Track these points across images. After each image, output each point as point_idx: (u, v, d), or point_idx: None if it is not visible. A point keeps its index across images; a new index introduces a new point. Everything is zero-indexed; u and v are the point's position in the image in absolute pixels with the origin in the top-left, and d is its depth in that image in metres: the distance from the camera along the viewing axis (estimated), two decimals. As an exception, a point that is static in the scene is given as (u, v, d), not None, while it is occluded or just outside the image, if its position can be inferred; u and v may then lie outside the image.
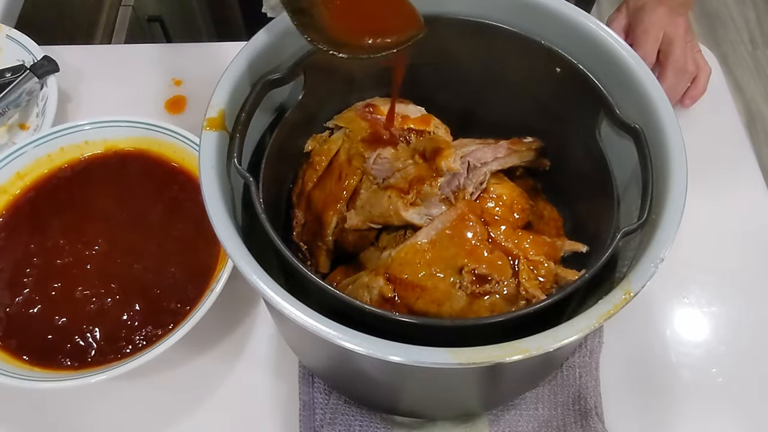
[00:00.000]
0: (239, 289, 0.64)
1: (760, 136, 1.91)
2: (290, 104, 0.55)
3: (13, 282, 0.64)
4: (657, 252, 0.42)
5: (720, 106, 0.81)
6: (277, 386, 0.63)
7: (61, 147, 0.71)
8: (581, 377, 0.62)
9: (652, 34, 0.76)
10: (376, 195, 0.53)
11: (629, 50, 0.50)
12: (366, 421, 0.59)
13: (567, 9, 0.52)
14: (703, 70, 0.78)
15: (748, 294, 0.68)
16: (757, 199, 0.74)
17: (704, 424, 0.62)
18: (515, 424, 0.60)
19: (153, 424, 0.61)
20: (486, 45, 0.56)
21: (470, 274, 0.47)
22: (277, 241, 0.44)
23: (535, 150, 0.58)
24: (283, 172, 0.58)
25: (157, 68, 0.85)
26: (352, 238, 0.55)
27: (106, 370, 0.56)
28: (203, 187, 0.44)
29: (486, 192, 0.53)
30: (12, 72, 0.77)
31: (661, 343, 0.65)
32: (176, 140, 0.70)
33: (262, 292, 0.40)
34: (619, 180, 0.52)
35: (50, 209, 0.69)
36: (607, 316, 0.40)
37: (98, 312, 0.62)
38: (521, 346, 0.39)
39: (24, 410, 0.62)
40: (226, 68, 0.49)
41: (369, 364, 0.47)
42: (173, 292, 0.63)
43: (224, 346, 0.65)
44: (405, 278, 0.48)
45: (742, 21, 2.15)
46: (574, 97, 0.54)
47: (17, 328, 0.61)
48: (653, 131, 0.48)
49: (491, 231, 0.49)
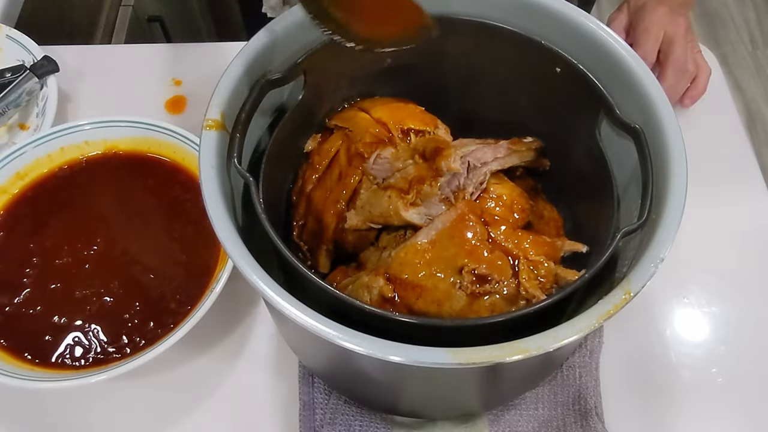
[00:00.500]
0: (239, 289, 0.64)
1: (760, 136, 1.91)
2: (290, 104, 0.55)
3: (12, 282, 0.64)
4: (657, 252, 0.42)
5: (720, 106, 0.81)
6: (277, 386, 0.63)
7: (61, 147, 0.71)
8: (581, 377, 0.62)
9: (652, 33, 0.76)
10: (376, 195, 0.53)
11: (629, 50, 0.50)
12: (366, 421, 0.59)
13: (567, 9, 0.52)
14: (703, 71, 0.78)
15: (748, 294, 0.68)
16: (757, 199, 0.74)
17: (704, 424, 0.62)
18: (515, 424, 0.60)
19: (153, 424, 0.61)
20: (486, 45, 0.56)
21: (470, 274, 0.47)
22: (277, 241, 0.44)
23: (535, 150, 0.57)
24: (283, 172, 0.58)
25: (157, 68, 0.85)
26: (352, 238, 0.55)
27: (106, 370, 0.56)
28: (203, 187, 0.44)
29: (486, 192, 0.53)
30: (12, 72, 0.77)
31: (661, 343, 0.65)
32: (176, 140, 0.70)
33: (262, 292, 0.40)
34: (619, 180, 0.52)
35: (50, 209, 0.69)
36: (607, 316, 0.40)
37: (98, 312, 0.62)
38: (521, 346, 0.39)
39: (24, 410, 0.62)
40: (226, 68, 0.49)
41: (369, 364, 0.47)
42: (173, 292, 0.63)
43: (224, 346, 0.65)
44: (405, 278, 0.48)
45: (742, 21, 2.15)
46: (574, 97, 0.54)
47: (17, 328, 0.61)
48: (653, 131, 0.48)
49: (491, 231, 0.49)
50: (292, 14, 0.52)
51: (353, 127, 0.57)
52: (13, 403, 0.62)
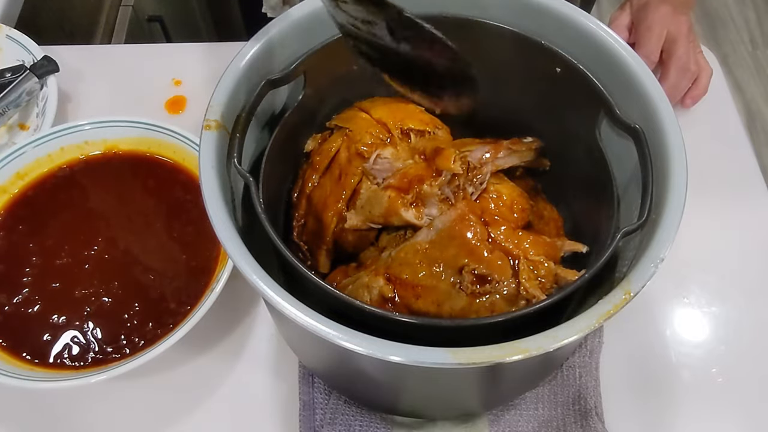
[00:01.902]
0: (239, 289, 0.64)
1: (760, 136, 1.91)
2: (290, 104, 0.55)
3: (12, 281, 0.64)
4: (657, 252, 0.42)
5: (720, 106, 0.81)
6: (277, 386, 0.63)
7: (61, 147, 0.71)
8: (581, 377, 0.62)
9: (655, 32, 0.76)
10: (376, 195, 0.53)
11: (629, 50, 0.50)
12: (366, 421, 0.59)
13: (567, 9, 0.52)
14: (705, 71, 0.78)
15: (748, 294, 0.68)
16: (756, 199, 0.74)
17: (704, 424, 0.62)
18: (515, 424, 0.60)
19: (153, 424, 0.61)
20: (486, 45, 0.56)
21: (470, 274, 0.47)
22: (277, 241, 0.44)
23: (535, 150, 0.57)
24: (283, 172, 0.58)
25: (157, 68, 0.85)
26: (352, 238, 0.55)
27: (106, 370, 0.56)
28: (203, 187, 0.44)
29: (486, 192, 0.53)
30: (12, 72, 0.77)
31: (661, 343, 0.65)
32: (176, 140, 0.70)
33: (262, 292, 0.40)
34: (619, 180, 0.52)
35: (50, 209, 0.69)
36: (607, 316, 0.40)
37: (98, 312, 0.62)
38: (521, 346, 0.39)
39: (24, 410, 0.62)
40: (226, 68, 0.49)
41: (369, 364, 0.47)
42: (173, 292, 0.63)
43: (224, 346, 0.65)
44: (405, 278, 0.48)
45: (742, 21, 2.15)
46: (574, 97, 0.53)
47: (17, 328, 0.61)
48: (653, 131, 0.48)
49: (491, 231, 0.49)
50: (292, 14, 0.52)
51: (353, 127, 0.57)
52: (12, 403, 0.62)
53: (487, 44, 0.55)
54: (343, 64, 0.56)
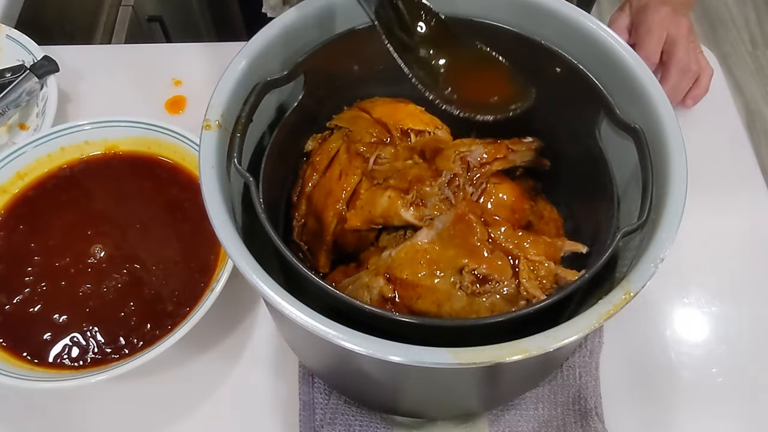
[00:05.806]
0: (239, 289, 0.64)
1: (760, 136, 1.91)
2: (290, 104, 0.55)
3: (12, 281, 0.64)
4: (657, 252, 0.42)
5: (720, 106, 0.81)
6: (277, 386, 0.63)
7: (61, 147, 0.71)
8: (581, 377, 0.62)
9: (655, 33, 0.76)
10: (376, 195, 0.53)
11: (629, 50, 0.50)
12: (366, 421, 0.59)
13: (567, 9, 0.52)
14: (706, 71, 0.78)
15: (748, 294, 0.68)
16: (757, 199, 0.74)
17: (704, 424, 0.62)
18: (515, 424, 0.60)
19: (153, 424, 0.61)
20: (486, 45, 0.55)
21: (470, 275, 0.47)
22: (277, 241, 0.44)
23: (535, 150, 0.57)
24: (283, 172, 0.58)
25: (157, 68, 0.85)
26: (352, 238, 0.55)
27: (106, 370, 0.56)
28: (203, 187, 0.44)
29: (486, 192, 0.53)
30: (12, 72, 0.77)
31: (661, 343, 0.65)
32: (176, 140, 0.70)
33: (262, 292, 0.40)
34: (619, 180, 0.52)
35: (50, 209, 0.69)
36: (607, 316, 0.40)
37: (98, 312, 0.62)
38: (521, 346, 0.39)
39: (24, 410, 0.62)
40: (226, 68, 0.49)
41: (369, 364, 0.47)
42: (173, 292, 0.63)
43: (224, 346, 0.65)
44: (405, 278, 0.48)
45: (742, 21, 2.15)
46: (574, 97, 0.53)
47: (17, 328, 0.61)
48: (653, 131, 0.48)
49: (491, 231, 0.49)
50: (291, 14, 0.52)
51: (353, 127, 0.57)
52: (13, 403, 0.62)
53: (487, 44, 0.55)
54: (343, 64, 0.56)
